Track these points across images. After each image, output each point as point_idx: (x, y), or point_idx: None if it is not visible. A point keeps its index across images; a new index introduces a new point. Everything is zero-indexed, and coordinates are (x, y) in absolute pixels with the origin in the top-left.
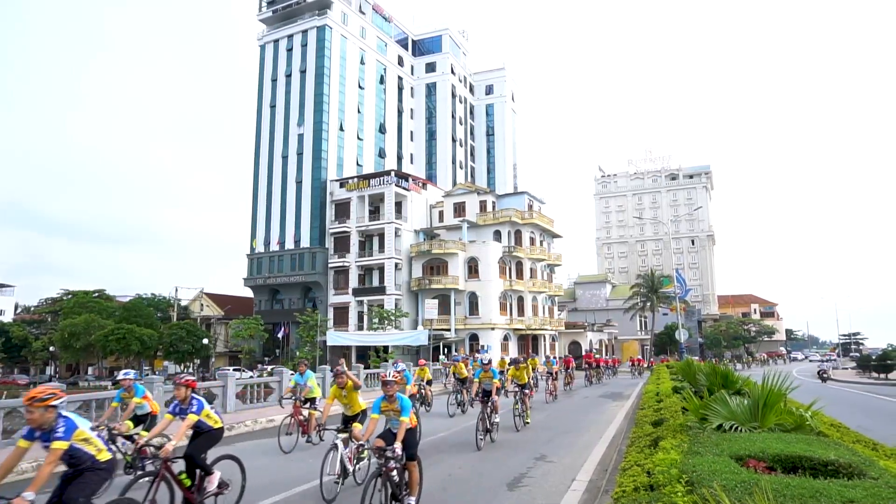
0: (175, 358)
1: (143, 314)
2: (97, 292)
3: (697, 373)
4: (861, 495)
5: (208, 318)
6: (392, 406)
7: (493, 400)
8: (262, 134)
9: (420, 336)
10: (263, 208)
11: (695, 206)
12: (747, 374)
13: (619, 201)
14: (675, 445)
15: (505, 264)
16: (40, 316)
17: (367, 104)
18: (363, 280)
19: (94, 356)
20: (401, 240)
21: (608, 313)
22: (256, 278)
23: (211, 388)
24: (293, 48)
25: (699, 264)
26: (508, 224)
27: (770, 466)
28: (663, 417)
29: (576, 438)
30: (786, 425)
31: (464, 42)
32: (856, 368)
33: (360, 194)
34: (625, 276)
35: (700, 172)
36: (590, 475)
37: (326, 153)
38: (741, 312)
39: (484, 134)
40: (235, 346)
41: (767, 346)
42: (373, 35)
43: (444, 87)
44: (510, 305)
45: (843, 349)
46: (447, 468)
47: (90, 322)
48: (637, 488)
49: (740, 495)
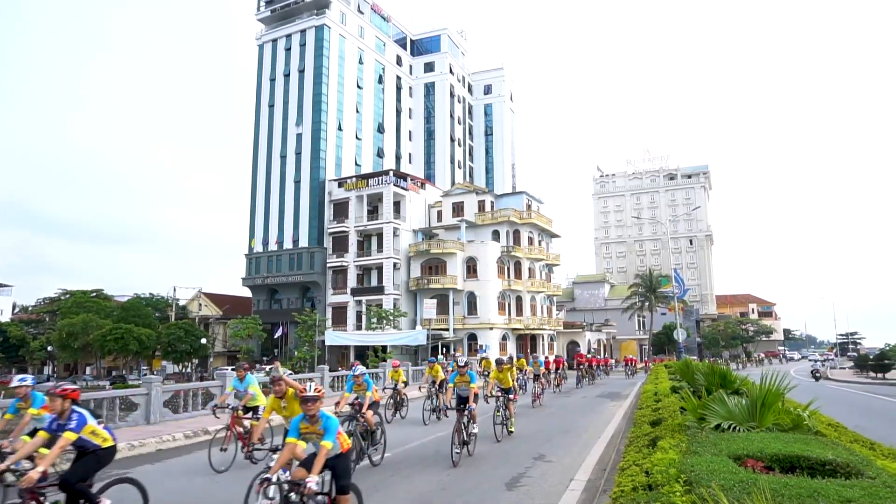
0: (173, 358)
1: (141, 314)
2: (95, 292)
3: (695, 372)
4: (858, 495)
5: (207, 317)
6: (313, 428)
7: (471, 408)
8: (261, 134)
9: (418, 336)
10: (262, 208)
11: (693, 205)
12: (745, 374)
13: (617, 201)
14: (674, 445)
15: (503, 264)
16: (38, 316)
17: (366, 104)
18: (362, 280)
19: (93, 356)
20: (399, 239)
21: (606, 313)
22: (255, 278)
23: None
24: (292, 48)
25: (697, 264)
26: (507, 224)
27: (768, 466)
28: (661, 417)
29: (575, 438)
30: (783, 425)
31: (462, 42)
32: (853, 368)
33: (359, 194)
34: (623, 275)
35: (698, 172)
36: (588, 475)
37: (325, 153)
38: (739, 312)
39: (482, 134)
40: (234, 346)
41: (766, 346)
42: (371, 35)
43: (443, 87)
44: (509, 305)
45: (840, 349)
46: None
47: (88, 322)
48: (635, 488)
49: (738, 495)
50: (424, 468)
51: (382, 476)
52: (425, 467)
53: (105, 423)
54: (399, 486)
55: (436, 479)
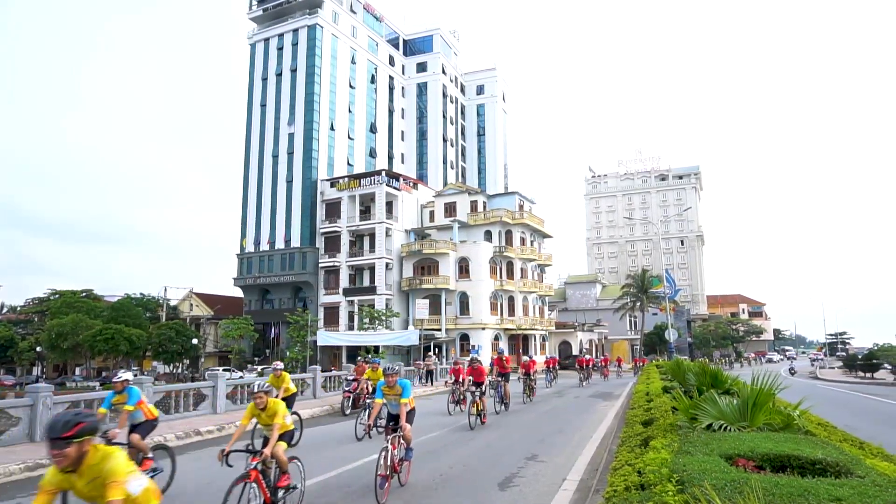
0: (164, 358)
1: (131, 314)
2: (85, 292)
3: (687, 372)
4: (848, 493)
5: (198, 318)
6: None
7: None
8: (253, 133)
9: (411, 336)
10: (254, 208)
11: (684, 206)
12: (735, 374)
13: (609, 202)
14: (666, 445)
15: (496, 264)
16: (27, 316)
17: (358, 104)
18: (354, 280)
19: (82, 356)
20: (391, 240)
21: (598, 313)
22: (246, 278)
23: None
24: (284, 47)
25: (688, 264)
26: (499, 224)
27: (759, 465)
28: (653, 417)
29: (567, 438)
30: (774, 425)
31: (455, 42)
32: (842, 368)
33: (351, 194)
34: (615, 276)
35: (689, 173)
36: (580, 475)
37: (317, 153)
38: (730, 312)
39: (475, 134)
40: (225, 347)
41: (756, 346)
42: (364, 34)
43: (436, 87)
44: (501, 305)
45: (830, 349)
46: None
47: (78, 322)
48: (628, 487)
49: (730, 494)
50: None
51: None
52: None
53: None
54: None
55: (428, 478)
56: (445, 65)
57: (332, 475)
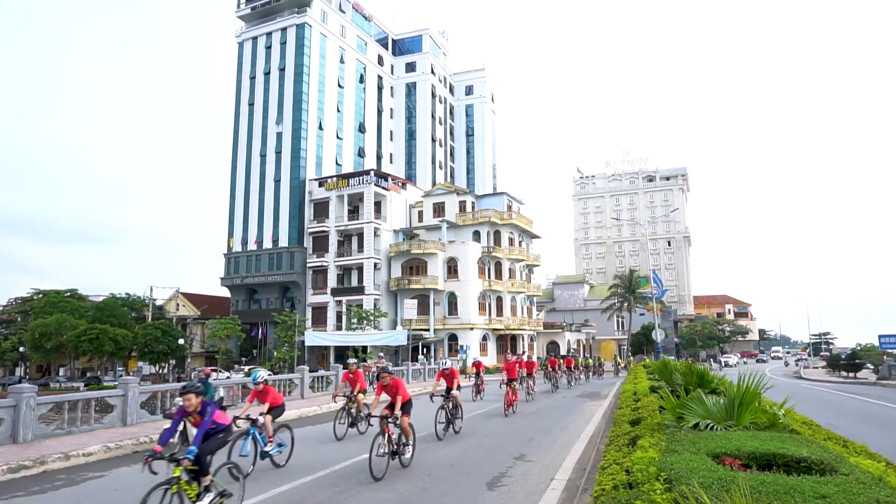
0: (150, 359)
1: (116, 314)
2: (69, 292)
3: (674, 372)
4: (833, 491)
5: (184, 318)
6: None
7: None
8: (241, 132)
9: (399, 336)
10: (241, 207)
11: (671, 207)
12: (722, 374)
13: (596, 202)
14: (653, 444)
15: (484, 264)
16: (10, 316)
17: (347, 103)
18: (342, 280)
19: (66, 357)
20: (380, 240)
21: (586, 313)
22: (234, 278)
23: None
24: (272, 46)
25: (675, 265)
26: (488, 224)
27: (745, 464)
28: (641, 416)
29: (555, 438)
30: (760, 423)
31: (444, 42)
32: (826, 367)
33: (340, 194)
34: (602, 276)
35: (676, 174)
36: (569, 474)
37: (305, 152)
38: (716, 313)
39: (464, 134)
40: (212, 347)
41: (741, 346)
42: (353, 34)
43: (424, 87)
44: (489, 305)
45: (814, 348)
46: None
47: (62, 322)
48: (616, 486)
49: (718, 492)
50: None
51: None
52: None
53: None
54: (376, 487)
55: (415, 478)
56: (434, 65)
57: (322, 474)
